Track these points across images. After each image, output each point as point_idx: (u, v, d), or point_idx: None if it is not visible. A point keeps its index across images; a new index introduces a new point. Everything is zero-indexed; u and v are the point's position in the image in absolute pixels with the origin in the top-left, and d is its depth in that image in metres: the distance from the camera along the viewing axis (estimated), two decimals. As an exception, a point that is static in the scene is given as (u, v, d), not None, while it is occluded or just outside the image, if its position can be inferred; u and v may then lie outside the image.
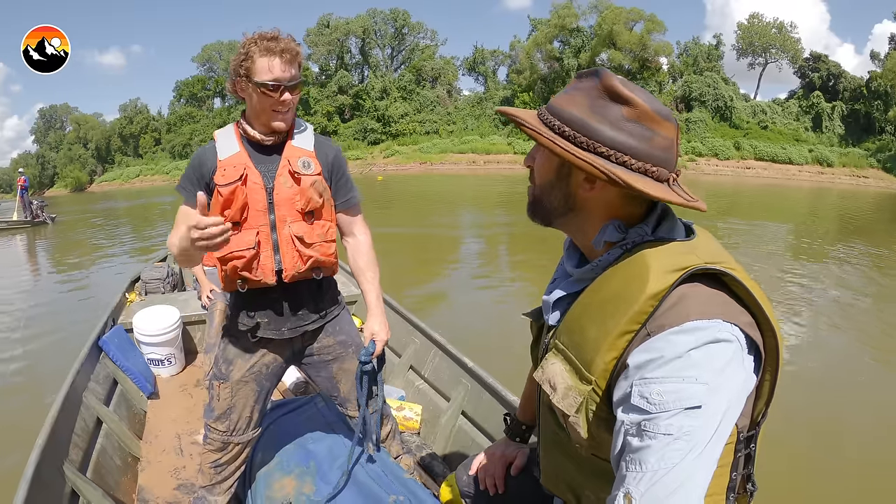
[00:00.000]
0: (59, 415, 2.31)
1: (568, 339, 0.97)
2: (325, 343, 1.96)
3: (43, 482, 1.89)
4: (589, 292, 0.95)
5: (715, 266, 0.84)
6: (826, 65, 45.36)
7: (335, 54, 60.87)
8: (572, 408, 0.92)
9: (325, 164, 1.83)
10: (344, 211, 1.92)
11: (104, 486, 2.22)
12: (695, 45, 50.35)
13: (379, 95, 56.54)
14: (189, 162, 1.84)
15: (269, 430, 2.29)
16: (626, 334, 0.85)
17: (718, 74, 46.57)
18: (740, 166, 39.80)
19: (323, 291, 1.93)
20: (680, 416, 0.77)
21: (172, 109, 69.70)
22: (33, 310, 7.88)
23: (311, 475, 2.04)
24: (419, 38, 63.01)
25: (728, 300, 0.84)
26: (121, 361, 3.36)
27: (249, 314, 1.85)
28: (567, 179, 0.95)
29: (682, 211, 0.98)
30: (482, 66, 61.07)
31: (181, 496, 2.39)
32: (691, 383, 0.77)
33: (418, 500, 1.93)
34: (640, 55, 46.40)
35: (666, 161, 0.90)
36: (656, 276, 0.84)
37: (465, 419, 2.66)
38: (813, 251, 11.42)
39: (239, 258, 1.72)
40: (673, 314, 0.81)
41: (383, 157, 51.94)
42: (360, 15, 61.22)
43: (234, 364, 1.87)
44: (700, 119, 43.75)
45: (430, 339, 3.15)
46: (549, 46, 49.99)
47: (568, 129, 0.90)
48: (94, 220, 23.16)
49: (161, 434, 2.94)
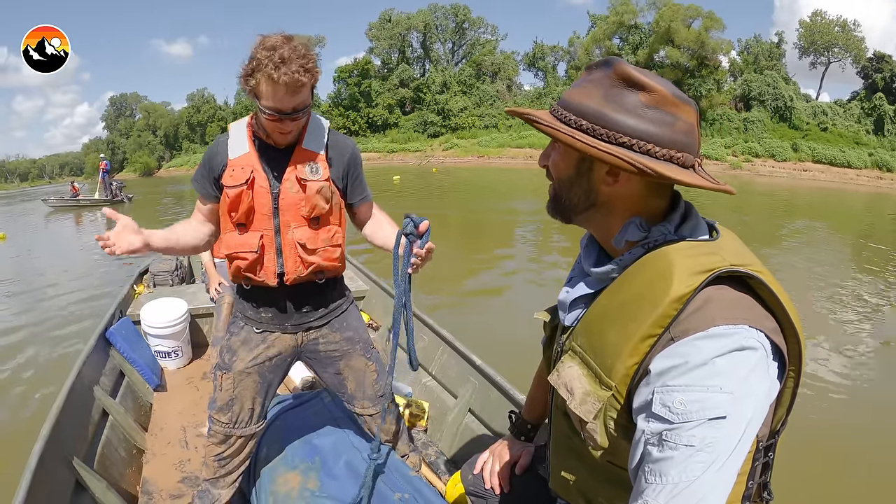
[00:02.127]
0: (65, 405, 2.31)
1: (586, 342, 0.93)
2: (331, 339, 1.95)
3: (47, 472, 1.88)
4: (609, 293, 0.92)
5: (741, 268, 0.81)
6: (890, 65, 44.05)
7: (397, 48, 62.48)
8: (590, 414, 0.89)
9: (339, 165, 1.80)
10: (361, 208, 1.92)
11: (108, 478, 2.23)
12: (756, 42, 49.67)
13: (439, 89, 57.84)
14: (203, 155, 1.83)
15: (274, 425, 2.30)
16: (649, 338, 0.82)
17: (779, 73, 46.04)
18: (797, 168, 39.05)
19: (327, 290, 1.91)
20: (703, 427, 0.75)
21: (238, 100, 71.41)
22: (107, 276, 9.06)
23: (316, 470, 2.04)
24: (479, 32, 63.91)
25: (753, 304, 0.81)
26: (127, 353, 3.37)
27: (254, 308, 1.87)
28: (588, 174, 0.92)
29: (700, 206, 0.94)
30: (541, 62, 61.49)
31: (185, 489, 2.41)
32: (715, 392, 0.75)
33: (424, 497, 1.92)
34: (698, 53, 45.86)
35: (689, 146, 0.86)
36: (681, 279, 0.81)
37: (472, 417, 2.64)
38: (870, 261, 10.60)
39: (242, 259, 1.73)
40: (698, 318, 0.79)
41: (442, 149, 53.18)
42: (422, 10, 62.67)
43: (238, 355, 1.88)
44: (758, 119, 43.17)
45: (439, 336, 3.13)
46: (607, 42, 50.07)
47: (585, 122, 0.87)
48: (165, 199, 26.57)
49: (167, 426, 2.95)
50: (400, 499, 1.89)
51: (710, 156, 39.80)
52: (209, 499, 1.99)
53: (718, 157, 39.65)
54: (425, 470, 2.38)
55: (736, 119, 43.41)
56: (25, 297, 8.51)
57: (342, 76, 62.75)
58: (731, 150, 40.73)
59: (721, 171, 37.59)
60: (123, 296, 4.25)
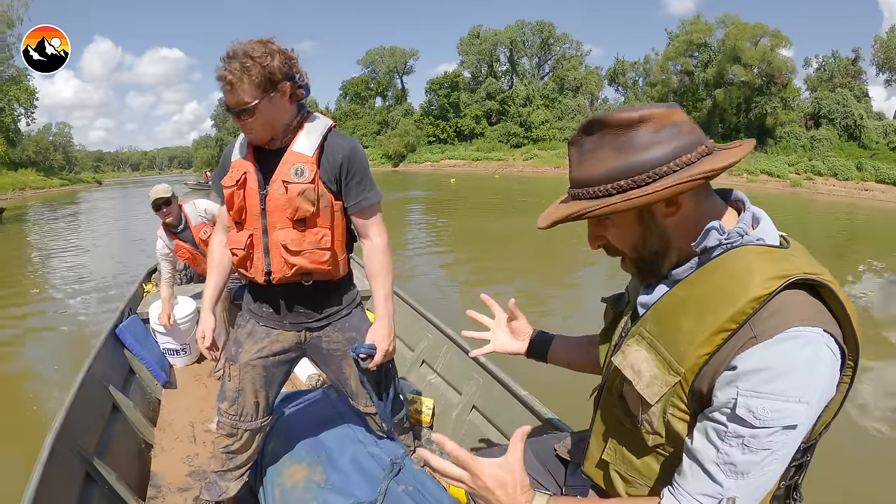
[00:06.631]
0: (76, 400, 2.34)
1: (656, 328, 0.96)
2: (333, 338, 1.96)
3: (58, 464, 1.90)
4: (686, 286, 0.94)
5: (815, 276, 0.84)
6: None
7: (485, 62, 66.61)
8: (655, 397, 0.92)
9: (331, 167, 1.76)
10: (356, 213, 1.86)
11: (118, 471, 2.24)
12: (834, 59, 48.73)
13: (523, 102, 61.66)
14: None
15: (280, 420, 2.33)
16: (723, 332, 0.85)
17: (851, 91, 45.20)
18: (857, 188, 37.85)
19: (322, 293, 1.91)
20: (779, 433, 0.81)
21: (339, 106, 78.38)
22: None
23: (322, 464, 2.06)
24: (565, 48, 67.04)
25: (824, 310, 0.85)
26: (137, 350, 3.43)
27: (255, 303, 1.93)
28: (651, 221, 0.94)
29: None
30: (622, 77, 63.73)
31: (193, 482, 2.43)
32: (795, 403, 0.80)
33: (428, 492, 1.93)
34: (764, 70, 45.78)
35: (701, 136, 0.90)
36: (760, 280, 0.83)
37: (476, 413, 2.66)
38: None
39: (235, 254, 1.81)
40: (778, 319, 0.82)
41: (523, 159, 56.97)
42: (510, 26, 66.53)
43: (243, 346, 1.91)
44: (825, 137, 42.71)
45: (443, 334, 3.16)
46: (682, 59, 51.60)
47: (621, 181, 0.89)
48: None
49: (175, 422, 2.99)
50: (405, 491, 1.91)
51: (771, 173, 40.43)
52: (217, 491, 2.06)
53: (780, 175, 40.41)
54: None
55: (803, 137, 43.97)
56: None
57: (433, 87, 68.15)
58: (794, 167, 41.20)
59: (781, 188, 38.35)
60: (133, 294, 4.34)
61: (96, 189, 52.39)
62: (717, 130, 47.35)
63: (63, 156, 64.13)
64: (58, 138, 64.84)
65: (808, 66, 50.16)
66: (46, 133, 60.94)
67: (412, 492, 1.93)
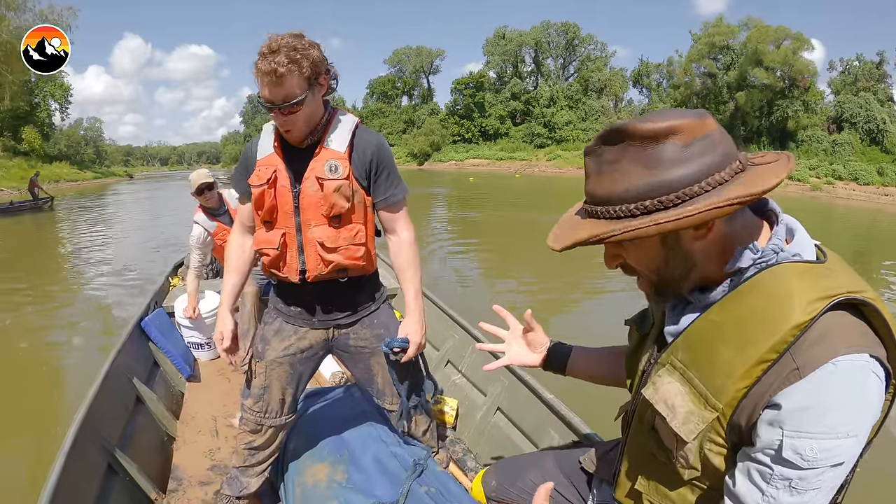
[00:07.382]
0: (100, 391, 2.35)
1: (689, 357, 0.89)
2: (361, 335, 1.94)
3: (81, 455, 1.92)
4: (720, 310, 0.86)
5: (858, 295, 0.78)
6: None
7: (510, 63, 67.51)
8: (692, 434, 0.86)
9: (361, 163, 1.75)
10: (384, 208, 1.84)
11: (139, 463, 2.25)
12: (857, 62, 48.00)
13: (547, 103, 62.36)
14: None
15: (304, 418, 2.31)
16: (763, 363, 0.79)
17: (875, 95, 44.80)
18: (878, 192, 37.24)
19: (355, 289, 1.90)
20: (827, 472, 0.77)
21: (366, 104, 79.63)
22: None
23: (344, 463, 2.04)
24: (590, 49, 67.53)
25: (868, 331, 0.79)
26: (161, 343, 3.45)
27: (285, 301, 1.91)
28: (676, 244, 0.86)
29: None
30: (646, 79, 64.10)
31: (214, 476, 2.43)
32: (844, 439, 0.75)
33: (450, 493, 1.91)
34: (786, 73, 45.60)
35: (733, 150, 0.82)
36: (801, 304, 0.77)
37: (501, 415, 2.61)
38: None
39: (266, 255, 1.78)
40: (822, 348, 0.76)
41: (546, 159, 57.68)
42: (535, 27, 67.29)
43: (270, 344, 1.90)
44: (847, 142, 42.28)
45: (469, 334, 3.13)
46: (705, 61, 51.42)
47: (646, 202, 0.80)
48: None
49: (197, 416, 2.99)
50: (427, 493, 1.89)
51: (792, 177, 39.29)
52: (238, 486, 2.05)
53: (801, 179, 39.80)
54: (452, 467, 2.38)
55: (825, 141, 43.63)
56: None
57: (458, 87, 69.12)
58: (815, 171, 40.65)
59: (801, 192, 38.30)
60: (159, 287, 4.40)
61: (128, 182, 54.01)
62: (739, 133, 47.59)
63: (94, 150, 65.77)
64: (89, 133, 66.43)
65: (832, 70, 49.94)
66: (78, 127, 62.52)
67: (434, 493, 1.92)
